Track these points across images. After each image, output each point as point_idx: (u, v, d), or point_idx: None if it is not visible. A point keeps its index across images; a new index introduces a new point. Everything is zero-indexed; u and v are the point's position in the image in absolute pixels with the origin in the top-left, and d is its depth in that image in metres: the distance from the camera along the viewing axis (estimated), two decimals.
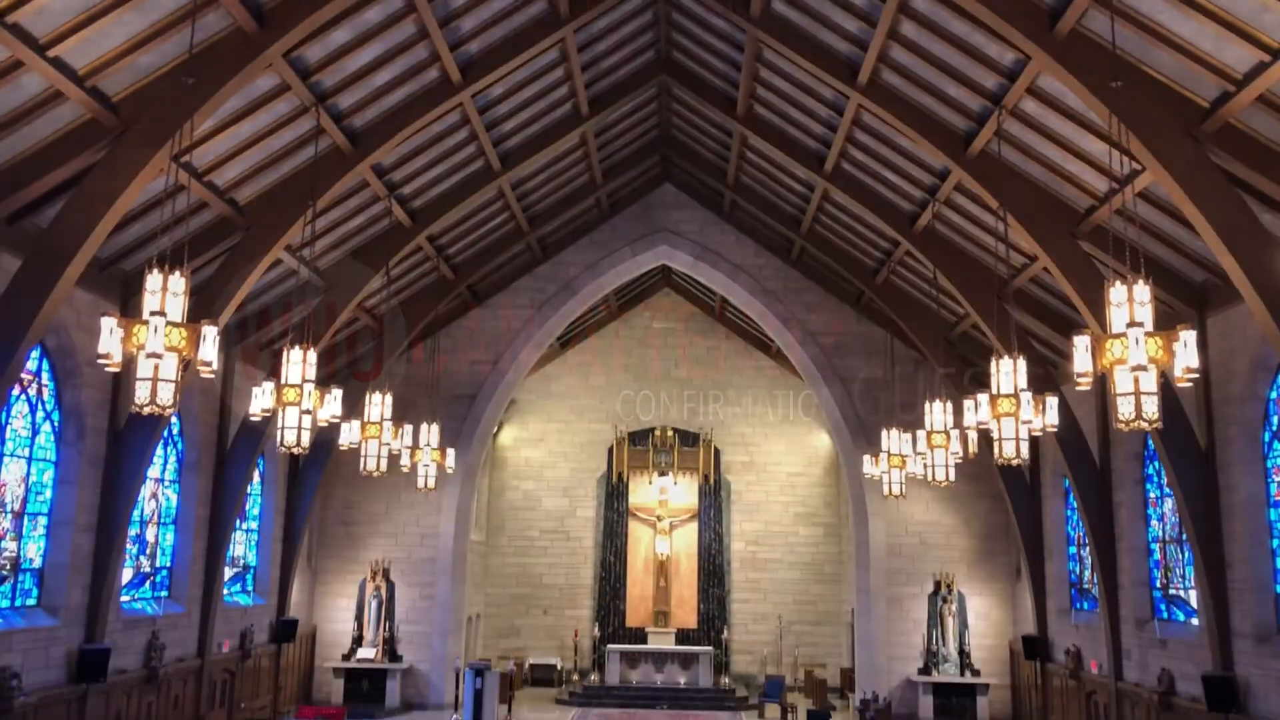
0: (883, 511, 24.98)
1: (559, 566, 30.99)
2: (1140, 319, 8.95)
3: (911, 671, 24.32)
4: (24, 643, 14.01)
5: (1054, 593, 22.13)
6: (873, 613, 24.77)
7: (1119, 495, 18.87)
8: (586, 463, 31.37)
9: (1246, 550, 14.59)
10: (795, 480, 31.14)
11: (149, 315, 9.35)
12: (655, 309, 32.15)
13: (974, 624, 24.56)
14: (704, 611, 29.85)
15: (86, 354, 14.99)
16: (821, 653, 29.91)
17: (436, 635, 25.19)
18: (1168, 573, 17.78)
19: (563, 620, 30.53)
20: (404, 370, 25.63)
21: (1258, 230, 11.58)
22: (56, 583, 15.08)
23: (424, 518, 25.72)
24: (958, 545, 25.08)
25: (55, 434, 15.36)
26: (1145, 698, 17.17)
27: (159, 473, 18.60)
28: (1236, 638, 14.70)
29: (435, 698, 24.81)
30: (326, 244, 19.12)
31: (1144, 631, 17.82)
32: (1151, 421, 8.98)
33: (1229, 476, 15.04)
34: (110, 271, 15.75)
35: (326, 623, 25.40)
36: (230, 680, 20.52)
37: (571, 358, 31.93)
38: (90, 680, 15.12)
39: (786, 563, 30.73)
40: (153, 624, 17.50)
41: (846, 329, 25.79)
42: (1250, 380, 14.70)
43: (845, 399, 25.43)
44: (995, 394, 12.57)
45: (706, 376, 31.68)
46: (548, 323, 26.17)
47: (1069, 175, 15.03)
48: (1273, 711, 13.61)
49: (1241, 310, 14.40)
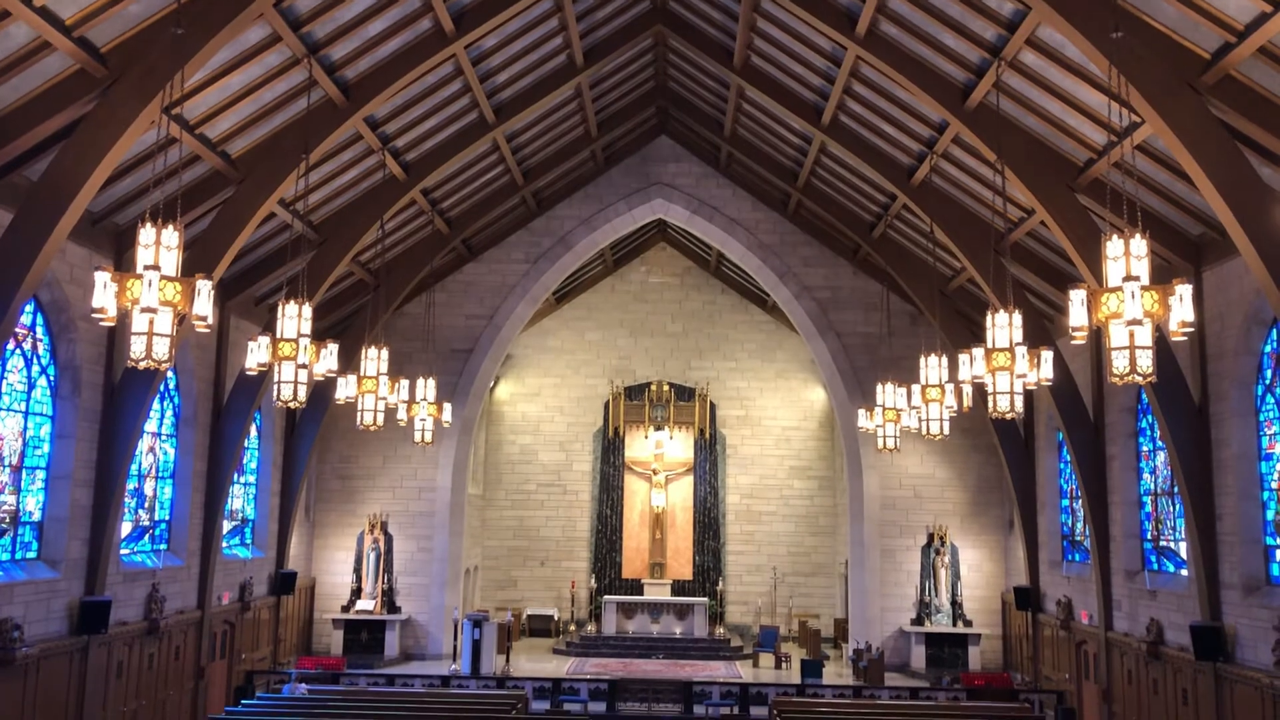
0: (877, 465, 25.15)
1: (556, 519, 31.23)
2: (1136, 273, 8.93)
3: (904, 622, 24.64)
4: (25, 595, 14.13)
5: (1046, 545, 22.37)
6: (866, 564, 25.03)
7: (1112, 449, 19.00)
8: (583, 417, 31.48)
9: (1237, 503, 14.73)
10: (790, 434, 31.29)
11: (143, 269, 9.30)
12: (651, 263, 32.07)
13: (966, 575, 24.86)
14: (699, 563, 30.16)
15: (81, 308, 14.96)
16: (815, 603, 30.27)
17: (435, 587, 25.45)
18: (1159, 525, 17.96)
19: (560, 572, 30.83)
20: (400, 325, 25.63)
21: (1256, 183, 11.54)
22: (56, 536, 15.19)
23: (421, 471, 25.87)
24: (951, 498, 25.30)
25: (51, 388, 15.37)
26: (1134, 647, 17.42)
27: (156, 427, 18.65)
28: (1225, 588, 14.89)
29: (434, 648, 25.12)
30: (320, 198, 19.01)
31: (1134, 583, 18.04)
32: (1145, 376, 9.00)
33: (1221, 430, 15.14)
34: (103, 225, 15.66)
35: (325, 575, 25.63)
36: (230, 631, 20.75)
37: (567, 312, 31.91)
38: (92, 632, 15.28)
39: (781, 515, 30.98)
40: (152, 576, 17.65)
41: (842, 283, 25.78)
42: (1244, 334, 14.73)
43: (841, 353, 25.48)
44: (990, 348, 12.59)
45: (702, 331, 31.70)
46: (543, 277, 26.12)
47: (1067, 128, 14.94)
48: (1260, 660, 13.83)
49: (1237, 264, 14.40)
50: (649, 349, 31.66)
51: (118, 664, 16.31)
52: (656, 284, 31.95)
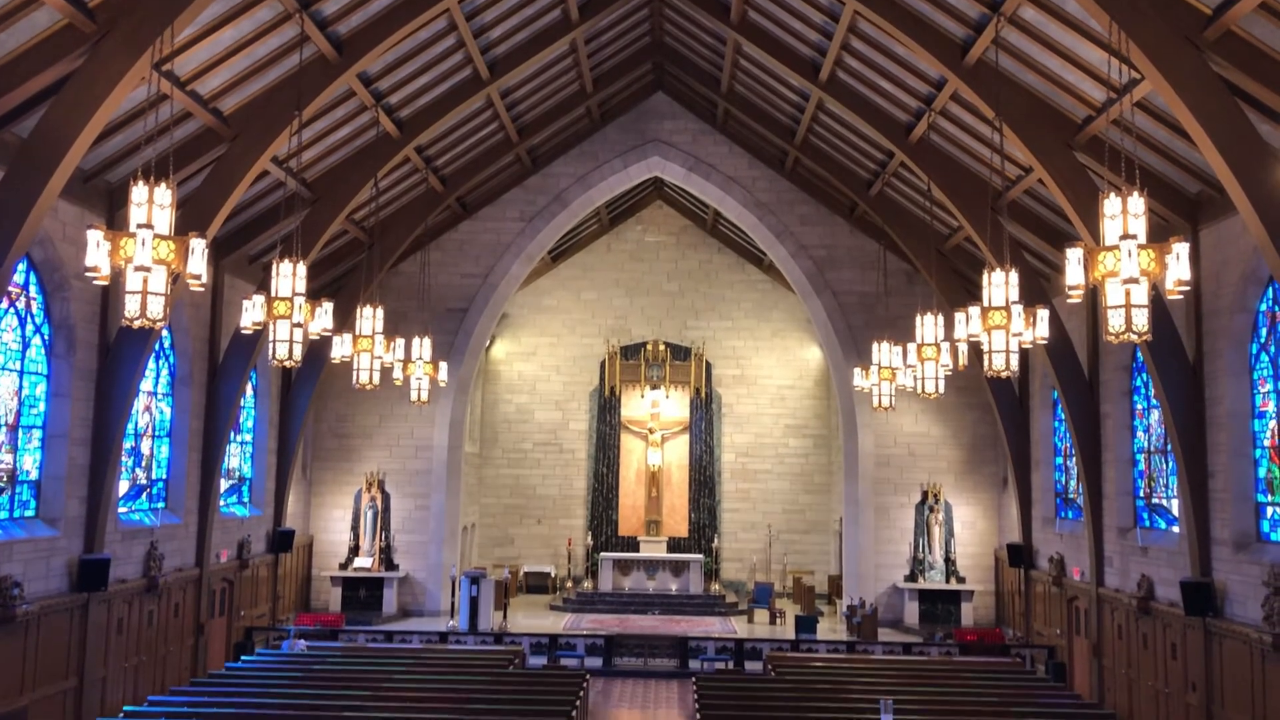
0: (872, 423, 25.25)
1: (552, 478, 31.38)
2: (1134, 231, 8.92)
3: (898, 578, 24.88)
4: (24, 553, 14.21)
5: (1039, 502, 22.53)
6: (861, 522, 25.22)
7: (1106, 407, 19.08)
8: (579, 376, 31.53)
9: (1229, 460, 14.83)
10: (786, 393, 31.37)
11: (136, 228, 9.25)
12: (647, 222, 31.94)
13: (960, 533, 25.06)
14: (695, 521, 30.37)
15: (74, 267, 14.89)
16: (810, 560, 30.53)
17: (432, 544, 25.63)
18: (1151, 482, 18.09)
19: (556, 530, 31.04)
20: (394, 284, 25.56)
21: (1255, 140, 11.48)
22: (54, 494, 15.24)
23: (418, 430, 25.94)
24: (945, 456, 25.44)
25: (46, 347, 15.34)
26: (1125, 603, 17.62)
27: (151, 386, 18.64)
28: (1216, 545, 15.04)
29: (432, 605, 25.36)
30: (313, 155, 18.86)
31: (1126, 539, 18.20)
32: (1141, 334, 9.02)
33: (1215, 388, 15.20)
34: (95, 183, 15.54)
35: (323, 533, 25.78)
36: (229, 589, 20.91)
37: (563, 271, 31.82)
38: (91, 589, 15.39)
39: (776, 473, 31.15)
40: (151, 535, 17.74)
41: (839, 242, 25.71)
42: (1240, 292, 14.74)
43: (836, 312, 25.48)
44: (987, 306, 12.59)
45: (698, 290, 31.65)
46: (539, 235, 26.02)
47: (1066, 85, 14.82)
48: (1249, 615, 14.00)
49: (1235, 222, 14.37)
50: (645, 308, 31.64)
51: (118, 621, 16.44)
52: (653, 243, 31.84)
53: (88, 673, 15.43)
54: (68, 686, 15.09)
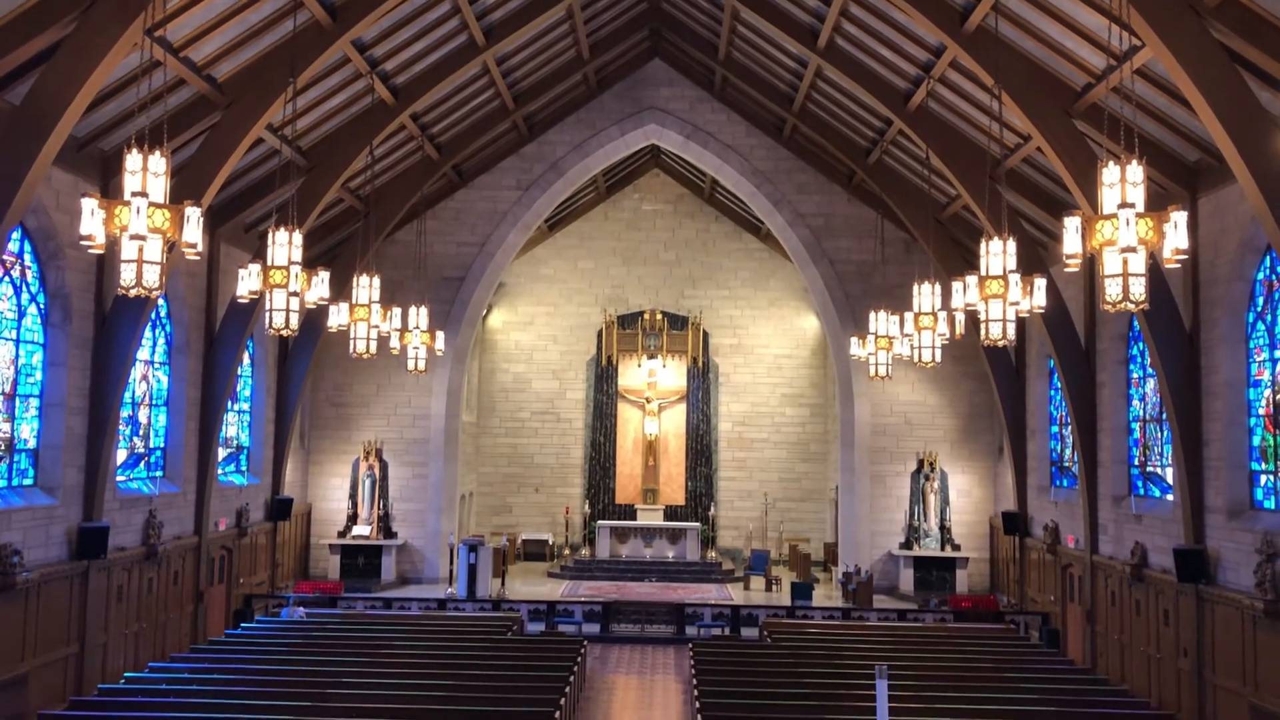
0: (868, 392, 25.31)
1: (550, 447, 31.46)
2: (1132, 200, 8.89)
3: (893, 546, 25.04)
4: (23, 521, 14.26)
5: (1034, 470, 22.64)
6: (857, 490, 25.34)
7: (1102, 375, 19.12)
8: (576, 346, 31.52)
9: (1224, 429, 14.89)
10: (782, 362, 31.41)
11: (130, 196, 9.20)
12: (644, 190, 31.81)
13: (955, 501, 25.19)
14: (691, 489, 30.50)
15: (68, 235, 14.82)
16: (806, 528, 30.70)
17: (430, 513, 25.74)
18: (1146, 451, 18.16)
19: (554, 498, 31.17)
20: (391, 252, 25.49)
21: (1255, 108, 11.43)
22: (52, 463, 15.27)
23: (415, 399, 25.97)
24: (942, 425, 25.52)
25: (41, 316, 15.31)
26: (1118, 570, 17.75)
27: (148, 355, 18.63)
28: (1210, 512, 15.13)
29: (430, 572, 25.51)
30: (308, 123, 18.71)
31: (1120, 507, 18.31)
32: (1138, 303, 9.02)
33: (1211, 357, 15.23)
34: (88, 151, 15.44)
35: (321, 501, 25.88)
36: (228, 557, 21.01)
37: (559, 240, 31.73)
38: (91, 557, 15.45)
39: (773, 442, 31.25)
40: (149, 503, 17.80)
41: (837, 210, 25.65)
42: (1238, 261, 14.73)
43: (834, 281, 25.45)
44: (984, 275, 12.58)
45: (696, 259, 31.58)
46: (535, 204, 25.91)
47: (1066, 51, 14.71)
48: (1241, 582, 14.11)
49: (1233, 190, 14.33)
50: (642, 277, 31.58)
51: (117, 588, 16.53)
52: (650, 211, 31.74)
53: (88, 639, 15.54)
54: (69, 653, 15.20)
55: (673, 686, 17.84)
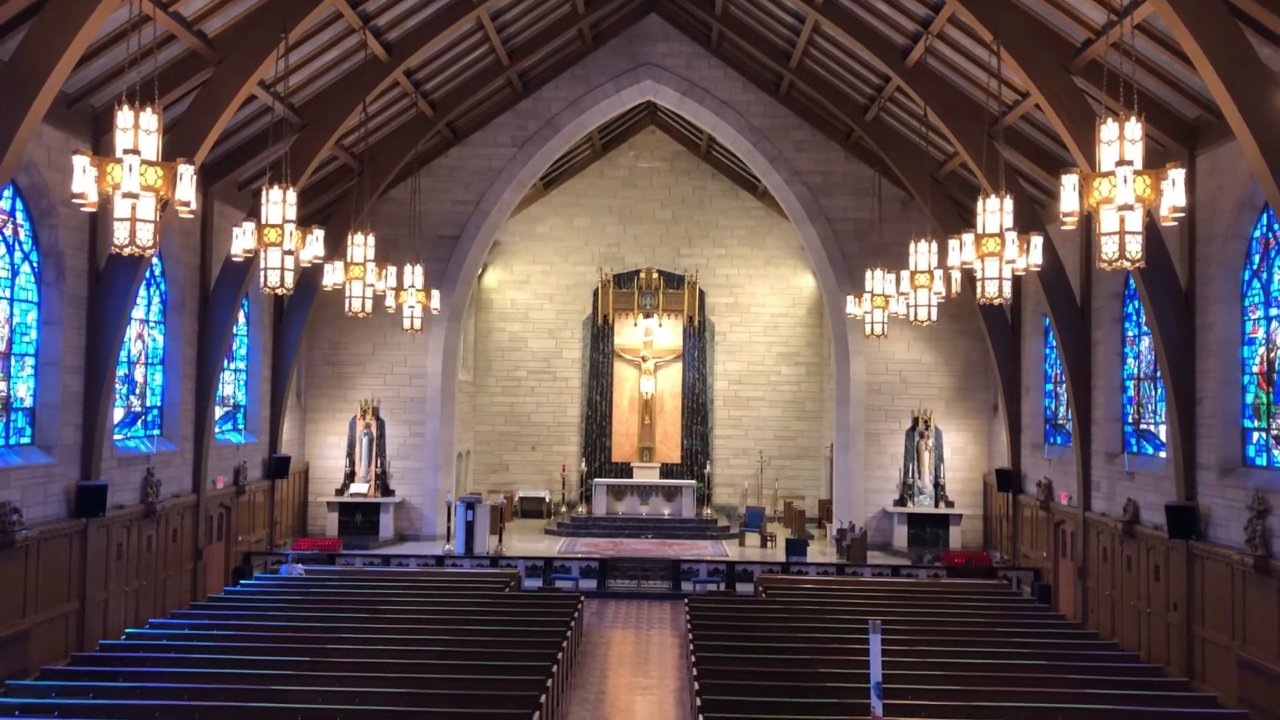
0: (864, 351, 25.35)
1: (546, 406, 31.54)
2: (1130, 157, 8.87)
3: (887, 503, 25.23)
4: (21, 479, 14.31)
5: (1029, 428, 22.75)
6: (851, 448, 25.47)
7: (1097, 334, 19.16)
8: (572, 305, 31.49)
9: (1218, 387, 14.96)
10: (779, 321, 31.41)
11: (122, 154, 9.14)
12: (640, 148, 31.59)
13: (949, 458, 25.34)
14: (687, 447, 30.64)
15: (61, 193, 14.72)
16: (800, 485, 30.90)
17: (427, 471, 25.85)
18: (1140, 409, 18.26)
19: (551, 456, 31.30)
20: (385, 211, 25.36)
21: (1255, 64, 11.35)
22: (49, 421, 15.29)
23: (411, 358, 25.98)
24: (937, 383, 25.60)
25: (35, 274, 15.25)
26: (1110, 526, 17.92)
27: (143, 314, 18.59)
28: (1201, 470, 15.25)
29: (428, 529, 25.67)
30: (301, 79, 18.54)
31: (1113, 465, 18.43)
32: (1134, 261, 9.03)
33: (1206, 315, 15.26)
34: (78, 108, 15.29)
35: (319, 459, 25.97)
36: (226, 514, 21.12)
37: (555, 198, 31.57)
38: (89, 515, 15.53)
39: (768, 401, 31.34)
40: (147, 461, 17.85)
41: (834, 168, 25.52)
42: (1235, 219, 14.71)
43: (831, 239, 25.39)
44: (981, 233, 12.56)
45: (692, 218, 31.45)
46: (530, 161, 25.74)
47: (1066, 6, 14.56)
48: (1231, 538, 14.26)
49: (1232, 147, 14.27)
50: (638, 236, 31.47)
51: (117, 546, 16.63)
52: (646, 169, 31.55)
53: (89, 596, 15.66)
54: (69, 609, 15.33)
55: (669, 641, 18.05)
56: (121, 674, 12.41)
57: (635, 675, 15.90)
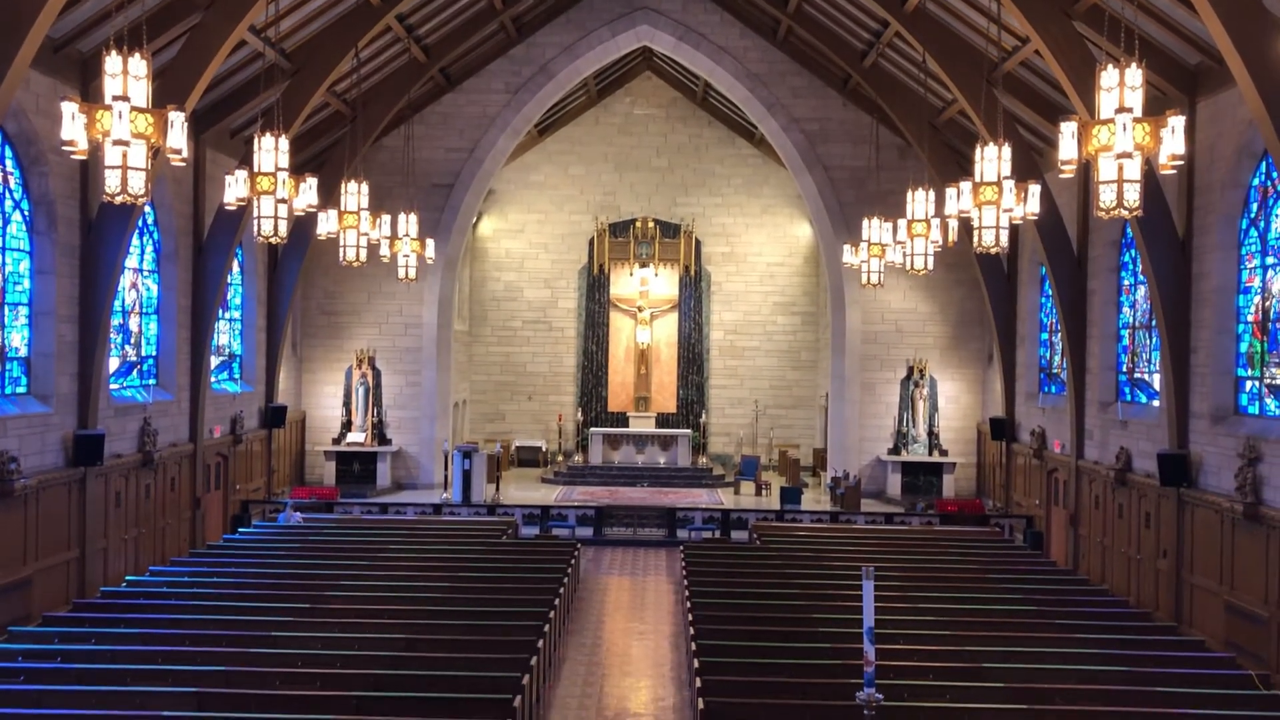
0: (860, 300, 25.34)
1: (542, 355, 31.55)
2: (1130, 104, 8.79)
3: (881, 451, 25.38)
4: (18, 428, 14.34)
5: (1023, 377, 22.84)
6: (847, 397, 25.57)
7: (1093, 283, 19.15)
8: (567, 254, 31.36)
9: (1212, 335, 14.99)
10: (775, 270, 31.34)
11: (111, 100, 9.02)
12: (636, 94, 31.25)
13: (944, 407, 25.46)
14: (683, 397, 30.73)
15: (50, 141, 14.56)
16: (795, 434, 31.05)
17: (424, 420, 25.93)
18: (1134, 357, 18.31)
19: (547, 406, 31.39)
20: (378, 158, 25.14)
21: (1257, 8, 11.21)
22: (44, 371, 15.28)
23: (406, 308, 25.93)
24: (932, 332, 25.64)
25: (27, 223, 15.14)
26: (1103, 474, 18.06)
27: (137, 263, 18.50)
28: (1194, 418, 15.34)
29: (425, 478, 25.82)
30: (292, 24, 18.23)
31: (1107, 413, 18.53)
32: (1132, 209, 8.99)
33: (1202, 264, 15.24)
34: (66, 53, 15.06)
35: (315, 409, 26.03)
36: (224, 463, 21.21)
37: (550, 146, 31.29)
38: (87, 464, 15.59)
39: (764, 350, 31.38)
40: (143, 411, 17.88)
41: (831, 115, 25.29)
42: (1234, 166, 14.63)
43: (828, 187, 25.24)
44: (978, 182, 12.49)
45: (688, 165, 31.22)
46: (524, 108, 25.48)
47: None
48: (1222, 486, 14.38)
49: (1233, 94, 14.15)
50: (634, 184, 31.25)
51: (115, 494, 16.72)
52: (641, 116, 31.24)
53: (89, 544, 15.77)
54: (70, 557, 15.45)
55: (664, 587, 18.26)
56: (123, 620, 12.55)
57: (631, 621, 16.10)
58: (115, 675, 10.43)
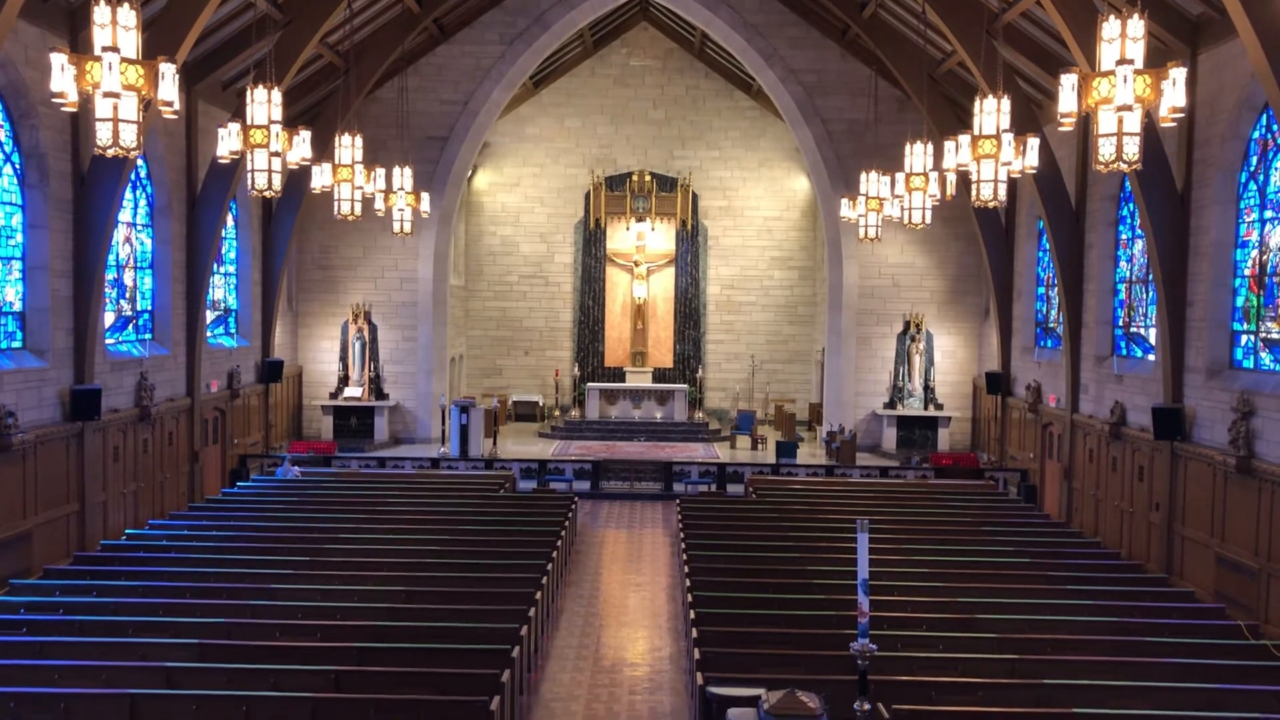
0: (857, 254, 25.27)
1: (538, 310, 31.51)
2: (1131, 56, 8.71)
3: (877, 406, 25.47)
4: (15, 383, 14.33)
5: (1019, 331, 22.86)
6: (843, 351, 25.60)
7: (1091, 237, 19.10)
8: (563, 208, 31.19)
9: (1209, 289, 14.99)
10: (772, 225, 31.20)
11: (101, 51, 8.90)
12: (632, 45, 30.89)
13: (940, 361, 25.51)
14: (679, 352, 30.76)
15: (40, 93, 14.40)
16: (792, 389, 31.14)
17: (421, 375, 25.96)
18: (1131, 311, 18.33)
19: (543, 361, 31.41)
20: (372, 111, 24.89)
21: None
22: (39, 326, 15.24)
23: (402, 262, 25.83)
24: (929, 287, 25.61)
25: (18, 176, 15.01)
26: (1097, 428, 18.15)
27: (130, 217, 18.37)
28: (1189, 372, 15.39)
29: (423, 433, 25.90)
30: None
31: (1102, 367, 18.58)
32: (1131, 163, 8.93)
33: (1201, 218, 15.20)
34: (54, 2, 14.83)
35: (312, 364, 26.04)
36: (221, 418, 21.25)
37: (545, 98, 30.98)
38: (85, 418, 15.61)
39: (760, 305, 31.35)
40: (140, 365, 17.87)
41: (830, 67, 25.04)
42: (1235, 119, 14.53)
43: (825, 140, 25.06)
44: (977, 135, 12.40)
45: (685, 118, 30.95)
46: (519, 59, 25.18)
47: None
48: (1215, 439, 14.47)
49: (1234, 46, 14.01)
50: (630, 137, 31.00)
51: (113, 449, 16.77)
52: (638, 67, 30.90)
53: (88, 498, 15.84)
54: (69, 511, 15.52)
55: (661, 540, 18.41)
56: (124, 573, 12.65)
57: (628, 573, 16.25)
58: (117, 627, 10.55)
